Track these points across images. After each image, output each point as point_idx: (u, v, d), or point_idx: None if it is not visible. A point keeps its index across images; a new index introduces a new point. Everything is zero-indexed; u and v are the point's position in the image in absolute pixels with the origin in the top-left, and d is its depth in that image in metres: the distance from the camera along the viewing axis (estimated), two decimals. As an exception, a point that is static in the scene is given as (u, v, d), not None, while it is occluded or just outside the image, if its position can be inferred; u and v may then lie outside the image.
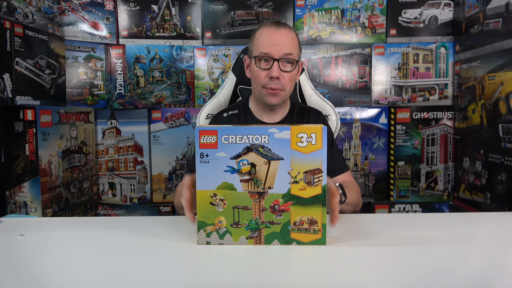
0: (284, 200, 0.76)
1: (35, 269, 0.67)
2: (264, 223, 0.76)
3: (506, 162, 1.51)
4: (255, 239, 0.77)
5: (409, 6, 1.98)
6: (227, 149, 0.75)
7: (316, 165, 0.74)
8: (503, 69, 1.53)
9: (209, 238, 0.77)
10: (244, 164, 0.75)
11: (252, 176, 0.75)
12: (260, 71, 1.10)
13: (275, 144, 0.75)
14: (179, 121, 2.04)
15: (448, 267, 0.67)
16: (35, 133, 1.54)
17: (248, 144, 0.75)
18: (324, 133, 0.74)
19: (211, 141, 0.75)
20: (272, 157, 0.75)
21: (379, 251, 0.74)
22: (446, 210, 2.00)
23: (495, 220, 1.01)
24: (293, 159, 0.74)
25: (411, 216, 1.15)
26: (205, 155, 0.76)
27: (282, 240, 0.76)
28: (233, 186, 0.76)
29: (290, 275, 0.65)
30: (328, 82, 2.01)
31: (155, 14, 2.03)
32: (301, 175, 0.75)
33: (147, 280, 0.63)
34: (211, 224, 0.77)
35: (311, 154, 0.74)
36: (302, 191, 0.75)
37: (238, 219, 0.77)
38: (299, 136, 0.74)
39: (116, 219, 1.17)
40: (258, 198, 0.76)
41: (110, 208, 2.07)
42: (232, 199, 0.76)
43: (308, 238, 0.76)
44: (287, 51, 1.08)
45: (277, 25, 1.11)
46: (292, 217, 0.76)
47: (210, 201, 0.76)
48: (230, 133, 0.75)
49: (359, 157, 2.02)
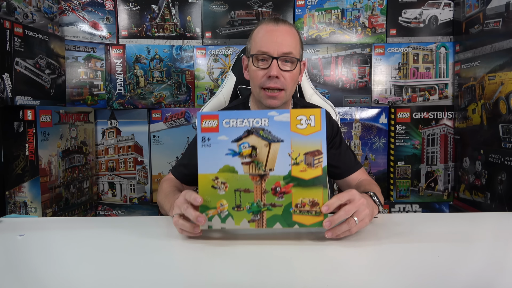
0: (285, 182, 0.75)
1: (35, 269, 0.67)
2: (266, 206, 0.76)
3: (506, 162, 1.51)
4: (257, 222, 0.76)
5: (409, 6, 1.98)
6: (228, 132, 0.76)
7: (316, 147, 0.75)
8: (503, 69, 1.53)
9: (210, 222, 0.77)
10: (245, 147, 0.76)
11: (253, 158, 0.75)
12: (258, 71, 1.04)
13: (275, 127, 0.75)
14: (179, 121, 2.04)
15: (448, 267, 0.67)
16: (35, 133, 1.53)
17: (248, 127, 0.76)
18: (323, 115, 0.75)
19: (213, 125, 0.76)
20: (273, 139, 0.75)
21: (379, 251, 0.74)
22: (446, 210, 2.00)
23: (495, 220, 1.01)
24: (293, 141, 0.75)
25: (411, 216, 1.15)
26: (206, 139, 0.76)
27: (284, 223, 0.76)
28: (235, 168, 0.76)
29: (290, 275, 0.65)
30: (328, 82, 2.01)
31: (155, 14, 2.03)
32: (301, 156, 0.75)
33: (147, 280, 0.63)
34: (213, 208, 0.76)
35: (310, 136, 0.75)
36: (303, 172, 0.75)
37: (240, 202, 0.76)
38: (298, 119, 0.75)
39: (116, 219, 1.17)
40: (259, 181, 0.76)
41: (110, 208, 2.07)
42: (234, 182, 0.76)
43: (310, 221, 0.75)
44: (287, 50, 1.02)
45: (276, 22, 1.05)
46: (294, 199, 0.75)
47: (212, 184, 0.76)
48: (231, 117, 0.76)
49: (359, 157, 2.02)
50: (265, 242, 0.79)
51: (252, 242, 0.79)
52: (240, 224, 0.76)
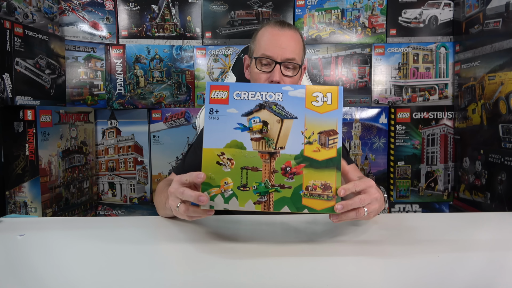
0: (297, 162, 0.70)
1: (35, 269, 0.67)
2: (274, 187, 0.70)
3: (506, 162, 1.51)
4: (263, 204, 0.70)
5: (409, 6, 1.98)
6: (239, 105, 0.71)
7: (331, 126, 0.70)
8: (503, 69, 1.53)
9: (213, 202, 0.71)
10: (256, 121, 0.70)
11: (264, 134, 0.70)
12: (261, 74, 1.04)
13: (289, 103, 0.70)
14: (179, 121, 2.04)
15: (448, 267, 0.67)
16: (35, 133, 1.53)
17: (261, 101, 0.70)
18: (340, 93, 0.70)
19: (222, 96, 0.71)
20: (286, 115, 0.70)
21: (379, 251, 0.74)
22: (446, 210, 2.00)
23: (495, 220, 1.01)
24: (307, 119, 0.70)
25: (411, 216, 1.15)
26: (214, 110, 0.70)
27: (293, 206, 0.70)
28: (243, 144, 0.70)
29: (291, 276, 0.65)
30: (328, 82, 2.01)
31: (155, 14, 2.03)
32: (315, 135, 0.70)
33: (147, 280, 0.63)
34: (216, 186, 0.70)
35: (326, 114, 0.70)
36: (316, 153, 0.70)
37: (246, 181, 0.70)
38: (314, 95, 0.70)
39: (116, 219, 1.17)
40: (268, 159, 0.70)
41: (110, 208, 2.07)
42: (241, 159, 0.70)
43: (321, 205, 0.70)
44: (290, 56, 1.02)
45: (282, 26, 1.04)
46: (305, 181, 0.70)
47: (217, 160, 0.70)
48: (243, 89, 0.71)
49: (359, 157, 2.02)
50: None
51: (254, 247, 0.77)
52: (245, 206, 0.70)
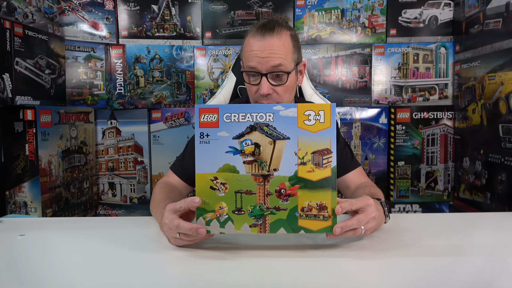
0: (291, 184, 0.69)
1: (35, 269, 0.67)
2: (269, 209, 0.69)
3: (506, 162, 1.51)
4: (259, 227, 0.70)
5: (409, 6, 1.98)
6: (229, 128, 0.69)
7: (325, 145, 0.69)
8: (503, 69, 1.53)
9: (209, 226, 0.71)
10: (248, 144, 0.69)
11: (256, 157, 0.69)
12: (251, 86, 0.99)
13: (281, 123, 0.69)
14: (179, 121, 2.04)
15: (448, 267, 0.67)
16: (35, 133, 1.53)
17: (251, 122, 0.69)
18: (333, 110, 0.69)
19: (212, 119, 0.69)
20: (278, 136, 0.69)
21: (379, 251, 0.74)
22: (446, 210, 2.00)
23: (495, 220, 1.01)
24: (300, 139, 0.69)
25: (411, 217, 1.15)
26: (205, 134, 0.69)
27: (289, 228, 0.70)
28: (236, 168, 0.69)
29: (291, 278, 0.65)
30: (328, 82, 2.01)
31: (155, 14, 2.03)
32: (309, 155, 0.69)
33: (148, 280, 0.63)
34: (211, 211, 0.70)
35: (319, 133, 0.69)
36: (310, 173, 0.69)
37: (241, 205, 0.70)
38: (306, 114, 0.69)
39: (116, 219, 1.17)
40: (262, 182, 0.69)
41: (110, 208, 2.07)
42: (235, 183, 0.70)
43: (317, 226, 0.69)
44: (275, 63, 0.94)
45: (262, 32, 0.95)
46: (300, 202, 0.69)
47: (211, 185, 0.70)
48: (233, 111, 0.69)
49: (359, 157, 2.02)
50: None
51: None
52: (241, 229, 0.70)
